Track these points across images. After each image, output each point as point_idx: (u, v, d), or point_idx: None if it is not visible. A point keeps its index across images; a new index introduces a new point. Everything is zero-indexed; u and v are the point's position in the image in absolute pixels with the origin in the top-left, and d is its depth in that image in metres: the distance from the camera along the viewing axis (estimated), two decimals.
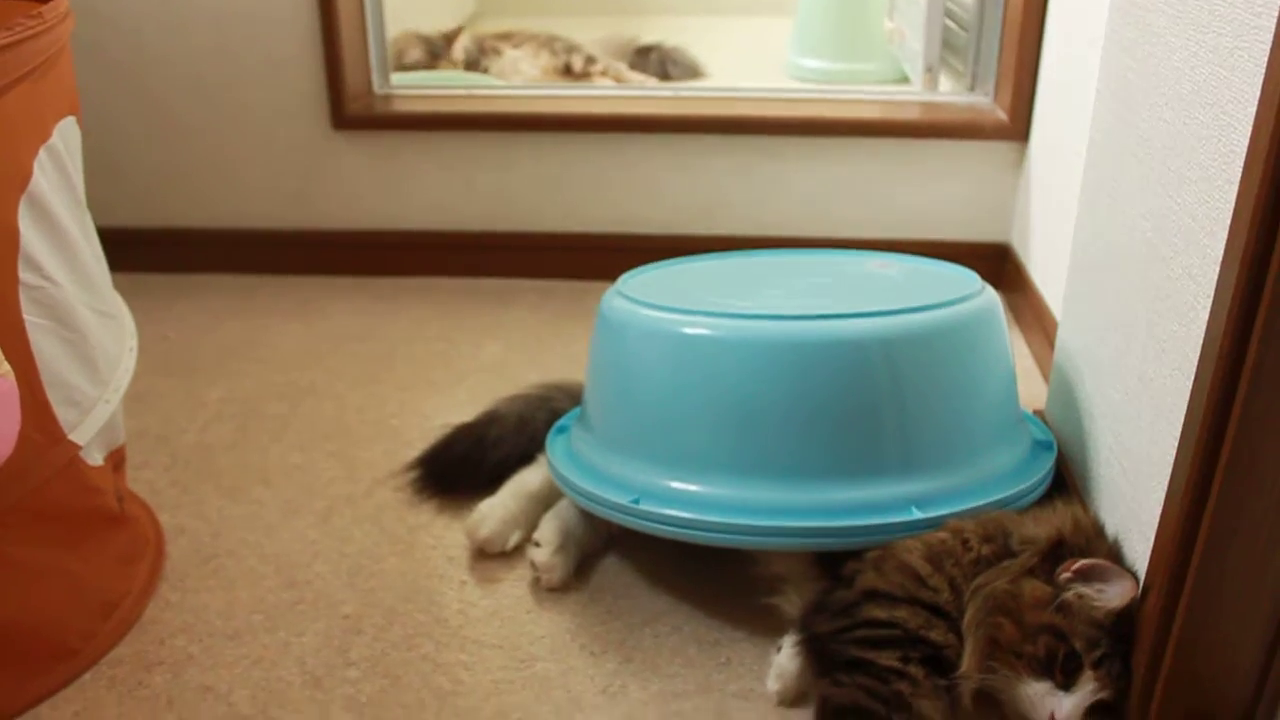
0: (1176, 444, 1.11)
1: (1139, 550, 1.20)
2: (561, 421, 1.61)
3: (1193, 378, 1.08)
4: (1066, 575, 1.19)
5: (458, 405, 1.89)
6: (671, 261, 1.70)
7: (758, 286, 1.55)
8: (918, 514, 1.28)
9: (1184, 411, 1.09)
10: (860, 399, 1.32)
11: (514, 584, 1.46)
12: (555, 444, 1.53)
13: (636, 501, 1.34)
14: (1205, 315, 1.06)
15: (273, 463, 1.74)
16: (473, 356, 2.11)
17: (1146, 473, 1.20)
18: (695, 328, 1.35)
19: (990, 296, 1.44)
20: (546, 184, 2.39)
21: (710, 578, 1.45)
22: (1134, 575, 1.20)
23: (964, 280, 1.49)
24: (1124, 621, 1.17)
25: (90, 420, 1.27)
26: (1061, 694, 1.14)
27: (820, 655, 1.22)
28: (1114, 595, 1.17)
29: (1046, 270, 2.06)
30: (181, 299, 2.33)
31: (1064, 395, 1.54)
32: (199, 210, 2.45)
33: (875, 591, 1.21)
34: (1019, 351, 2.08)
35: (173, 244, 2.46)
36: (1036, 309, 2.09)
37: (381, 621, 1.39)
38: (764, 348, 1.32)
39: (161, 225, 2.46)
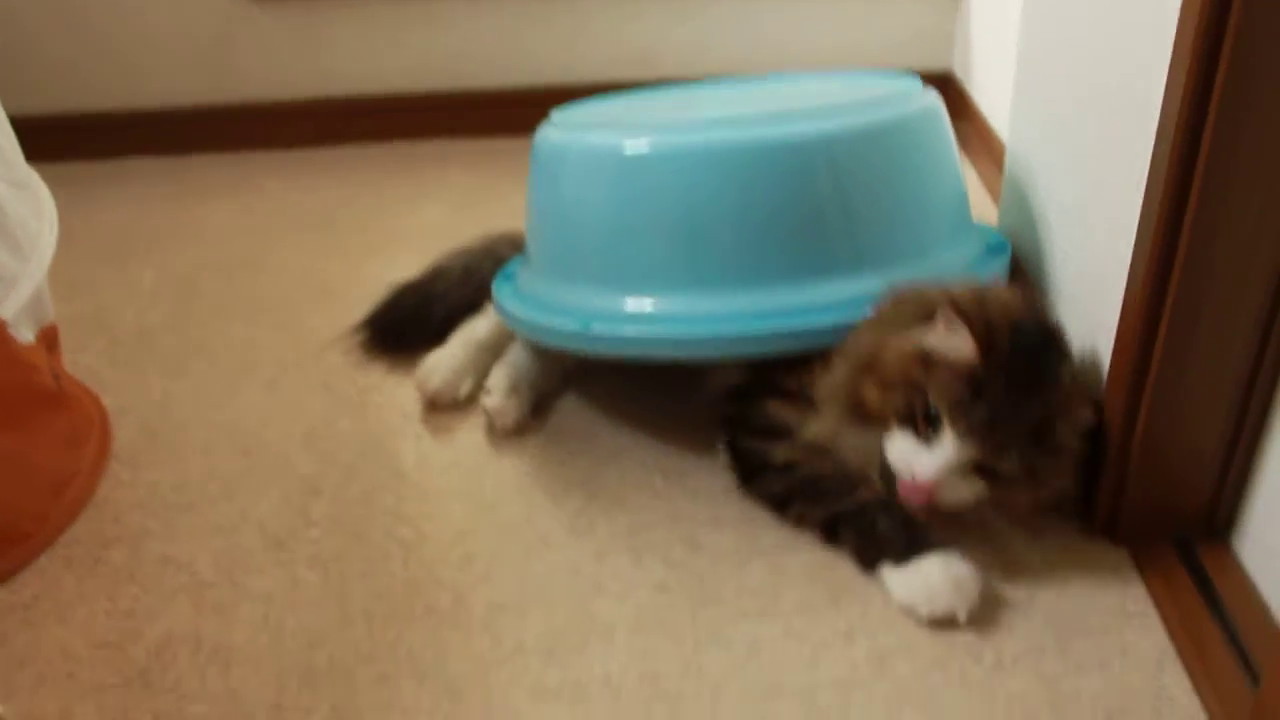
0: (1133, 243, 1.09)
1: (1103, 346, 1.19)
2: (506, 269, 1.57)
3: (1146, 174, 1.05)
4: (927, 330, 1.13)
5: (400, 267, 1.84)
6: (603, 96, 1.65)
7: (694, 107, 1.51)
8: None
9: (1139, 209, 1.07)
10: (806, 201, 1.28)
11: (470, 433, 1.43)
12: (501, 289, 1.49)
13: (588, 326, 1.30)
14: (1157, 111, 1.03)
15: (215, 337, 1.70)
16: (412, 219, 2.06)
17: (1104, 273, 1.19)
18: (635, 143, 1.31)
19: (932, 97, 1.41)
20: (477, 38, 2.32)
21: (672, 412, 1.43)
22: (988, 337, 1.11)
23: (905, 83, 1.46)
24: (999, 379, 1.10)
25: (16, 294, 1.23)
26: (924, 450, 1.11)
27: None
28: (962, 349, 1.10)
29: (992, 96, 2.03)
30: (107, 185, 2.26)
31: (1017, 203, 1.52)
32: (115, 92, 2.36)
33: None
34: (967, 178, 2.05)
35: (91, 129, 2.37)
36: (983, 135, 2.06)
37: (340, 480, 1.36)
38: (705, 156, 1.28)
39: (77, 110, 2.37)
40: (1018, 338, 1.12)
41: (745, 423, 1.29)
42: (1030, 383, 1.10)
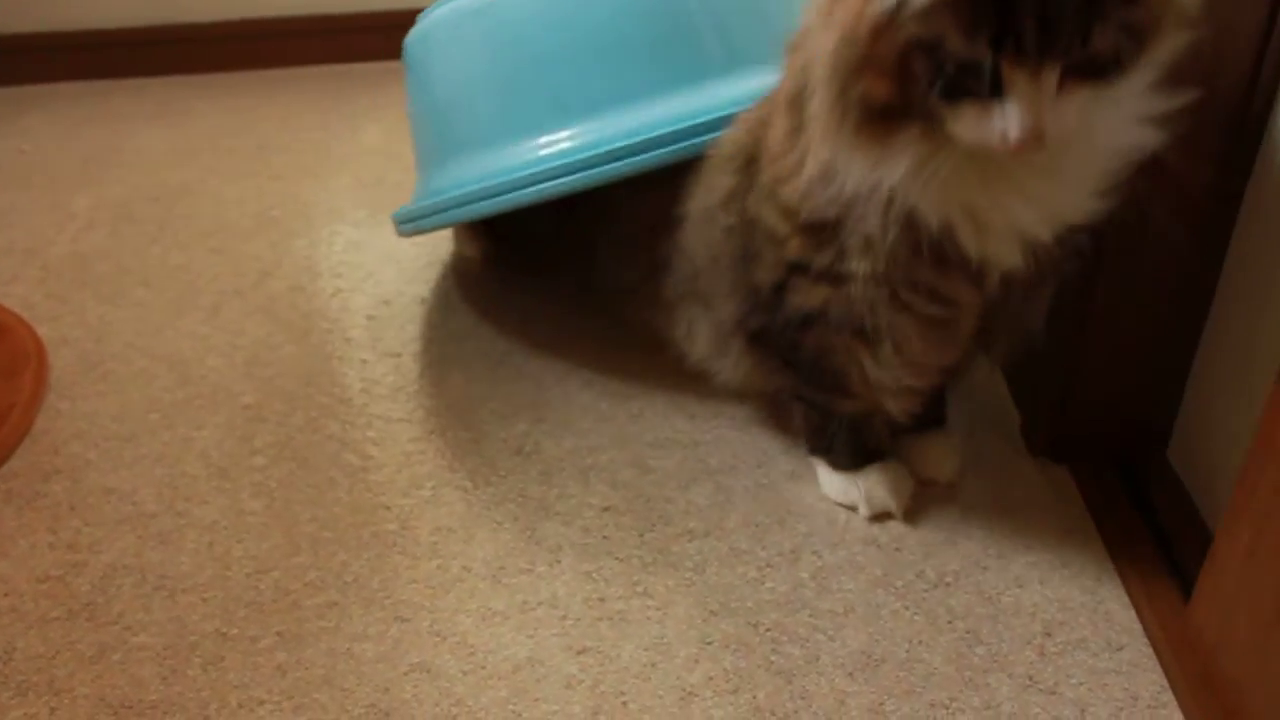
0: None
1: None
2: (395, 214, 1.51)
3: None
4: None
5: (341, 191, 1.83)
6: None
7: None
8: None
9: None
10: (674, 8, 1.29)
11: (415, 358, 1.42)
12: (400, 218, 1.46)
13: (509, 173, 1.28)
14: None
15: (152, 265, 1.66)
16: (352, 142, 2.02)
17: None
18: None
19: None
20: None
21: (616, 336, 1.43)
22: None
23: None
24: None
25: None
26: (999, 105, 0.81)
27: (768, 347, 1.15)
28: None
29: None
30: (31, 111, 2.20)
31: None
32: (36, 13, 2.28)
33: (780, 284, 1.06)
34: None
35: (11, 53, 2.29)
36: None
37: (284, 408, 1.35)
38: None
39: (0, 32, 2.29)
40: None
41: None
42: None
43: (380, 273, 1.60)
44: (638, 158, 1.20)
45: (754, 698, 0.98)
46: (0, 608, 1.10)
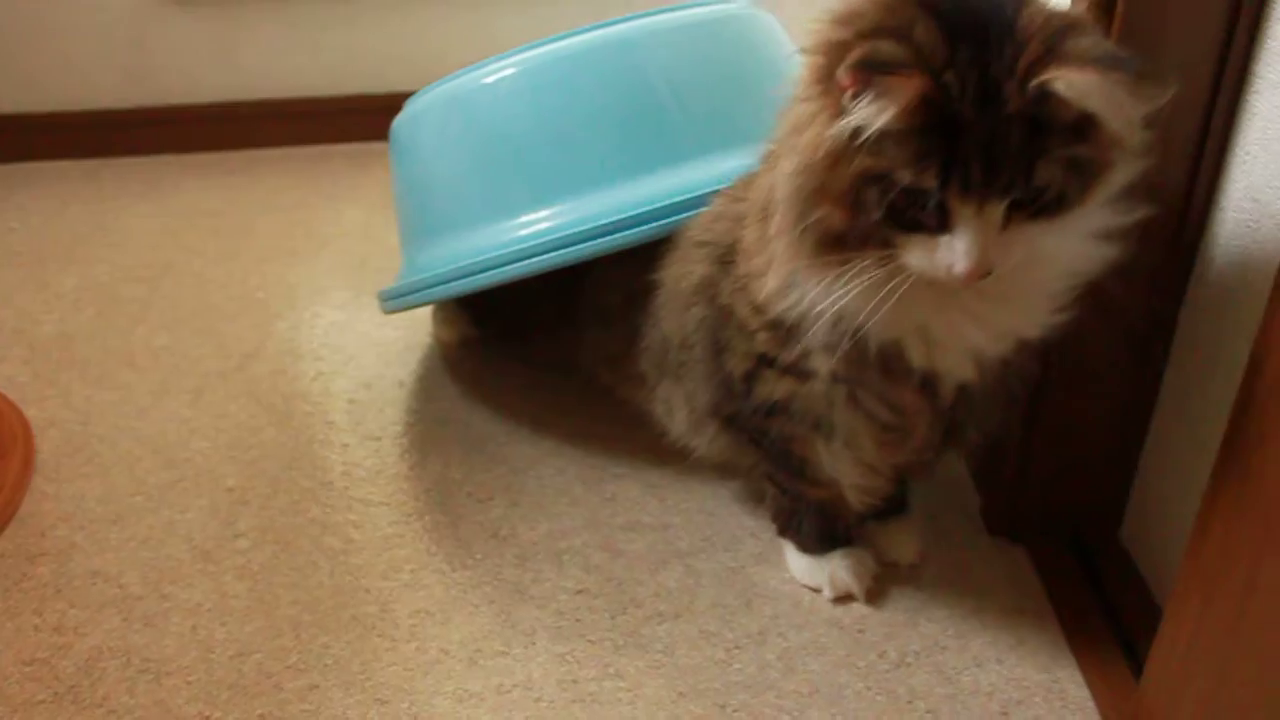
0: None
1: None
2: (381, 291, 1.56)
3: None
4: (844, 88, 0.82)
5: (323, 273, 1.87)
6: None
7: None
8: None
9: None
10: (643, 95, 1.36)
11: (395, 441, 1.46)
12: (385, 295, 1.51)
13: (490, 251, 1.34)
14: None
15: (137, 346, 1.70)
16: (334, 223, 2.07)
17: None
18: (486, 78, 1.39)
19: (751, 9, 1.49)
20: (394, 41, 2.33)
21: (591, 417, 1.47)
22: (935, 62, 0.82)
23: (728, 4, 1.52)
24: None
25: None
26: (943, 238, 0.85)
27: (740, 431, 1.19)
28: (891, 102, 0.79)
29: None
30: (20, 189, 2.24)
31: None
32: (28, 94, 2.34)
33: (749, 374, 1.10)
34: None
35: (2, 131, 2.34)
36: None
37: (266, 491, 1.39)
38: (539, 72, 1.37)
39: None
40: (945, 22, 0.83)
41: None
42: (994, 64, 0.81)
43: (361, 356, 1.65)
44: (611, 237, 1.26)
45: None
46: None
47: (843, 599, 1.20)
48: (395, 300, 1.47)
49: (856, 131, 0.81)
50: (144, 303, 1.82)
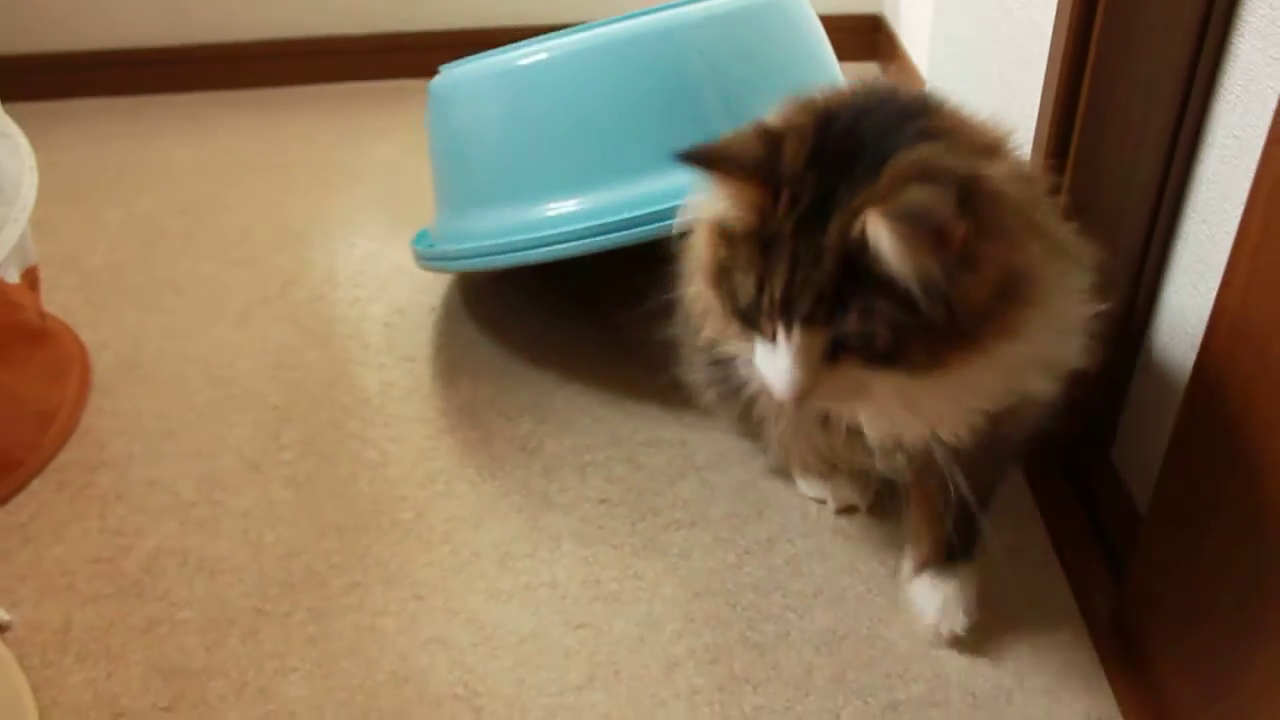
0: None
1: None
2: (415, 243, 1.65)
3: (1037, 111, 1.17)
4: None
5: (358, 205, 1.95)
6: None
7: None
8: None
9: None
10: (682, 86, 1.38)
11: (428, 362, 1.55)
12: (422, 252, 1.58)
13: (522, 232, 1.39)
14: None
15: (183, 274, 1.79)
16: (367, 158, 2.15)
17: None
18: (525, 59, 1.41)
19: None
20: None
21: (614, 346, 1.55)
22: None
23: None
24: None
25: (3, 237, 1.32)
26: (773, 349, 0.83)
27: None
28: (734, 199, 0.81)
29: (917, 38, 2.13)
30: (65, 125, 2.32)
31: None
32: (71, 33, 2.41)
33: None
34: None
35: (46, 70, 2.43)
36: (909, 75, 2.17)
37: (308, 407, 1.48)
38: (586, 58, 1.39)
39: (31, 51, 2.42)
40: (824, 141, 0.81)
41: None
42: (840, 193, 0.78)
43: (395, 283, 1.73)
44: (637, 230, 1.30)
45: (731, 668, 1.11)
46: (58, 586, 1.23)
47: (846, 511, 1.28)
48: (430, 262, 1.54)
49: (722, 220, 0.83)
50: (188, 234, 1.91)
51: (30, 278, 1.48)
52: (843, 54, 1.56)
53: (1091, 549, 1.20)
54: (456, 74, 1.51)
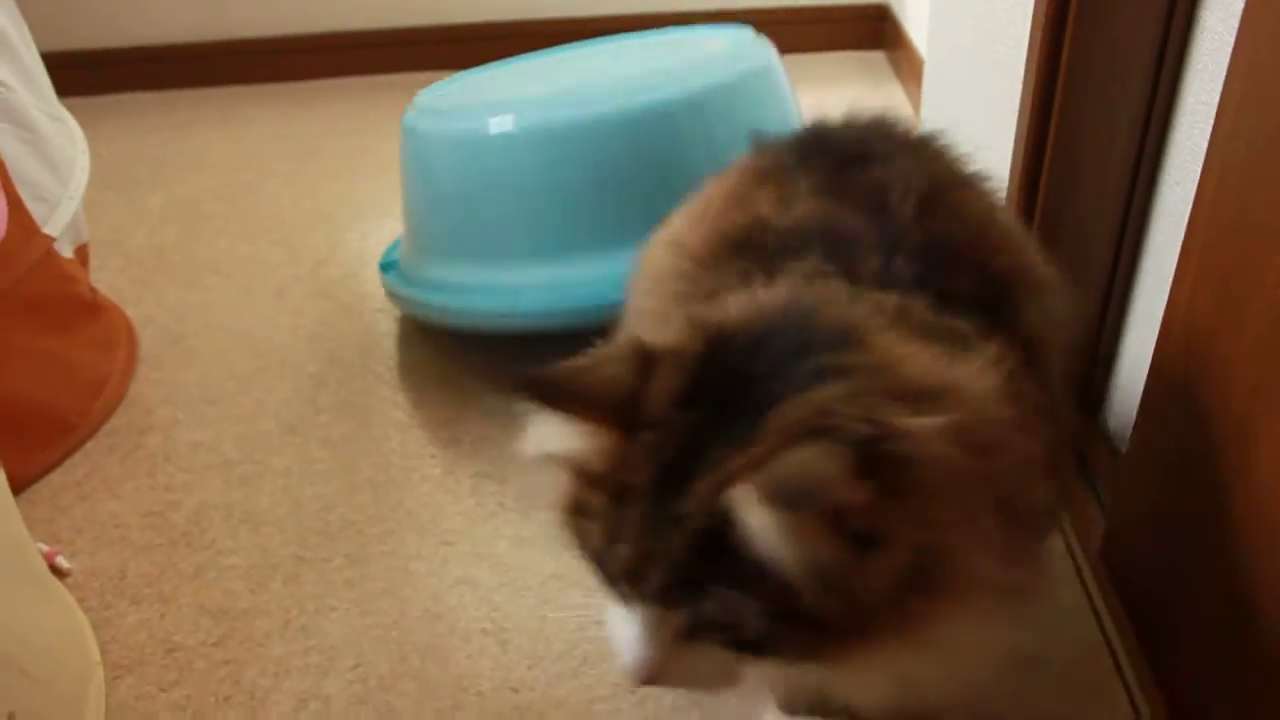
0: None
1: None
2: (386, 259, 1.71)
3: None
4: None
5: (385, 190, 2.04)
6: (466, 73, 1.79)
7: (550, 79, 1.63)
8: None
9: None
10: (650, 161, 1.41)
11: (453, 336, 1.63)
12: (388, 276, 1.64)
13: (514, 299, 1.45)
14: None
15: (221, 254, 1.89)
16: (393, 146, 2.21)
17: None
18: (497, 122, 1.45)
19: (767, 50, 1.55)
20: None
21: None
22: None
23: (736, 39, 1.58)
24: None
25: (58, 215, 1.41)
26: (623, 613, 0.69)
27: None
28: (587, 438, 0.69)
29: (922, 27, 2.20)
30: (105, 119, 2.42)
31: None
32: (108, 31, 2.52)
33: None
34: (899, 100, 2.25)
35: (84, 67, 2.52)
36: (914, 63, 2.24)
37: (342, 375, 1.57)
38: (558, 132, 1.42)
39: (70, 49, 2.52)
40: (707, 377, 0.67)
41: None
42: (713, 447, 0.64)
43: None
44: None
45: None
46: (113, 536, 1.32)
47: None
48: (390, 291, 1.62)
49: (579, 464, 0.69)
50: (225, 217, 2.01)
51: (82, 254, 1.57)
52: (849, 44, 1.62)
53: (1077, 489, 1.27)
54: (427, 99, 1.57)
